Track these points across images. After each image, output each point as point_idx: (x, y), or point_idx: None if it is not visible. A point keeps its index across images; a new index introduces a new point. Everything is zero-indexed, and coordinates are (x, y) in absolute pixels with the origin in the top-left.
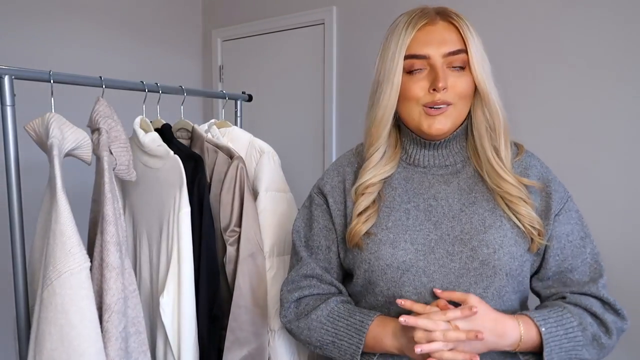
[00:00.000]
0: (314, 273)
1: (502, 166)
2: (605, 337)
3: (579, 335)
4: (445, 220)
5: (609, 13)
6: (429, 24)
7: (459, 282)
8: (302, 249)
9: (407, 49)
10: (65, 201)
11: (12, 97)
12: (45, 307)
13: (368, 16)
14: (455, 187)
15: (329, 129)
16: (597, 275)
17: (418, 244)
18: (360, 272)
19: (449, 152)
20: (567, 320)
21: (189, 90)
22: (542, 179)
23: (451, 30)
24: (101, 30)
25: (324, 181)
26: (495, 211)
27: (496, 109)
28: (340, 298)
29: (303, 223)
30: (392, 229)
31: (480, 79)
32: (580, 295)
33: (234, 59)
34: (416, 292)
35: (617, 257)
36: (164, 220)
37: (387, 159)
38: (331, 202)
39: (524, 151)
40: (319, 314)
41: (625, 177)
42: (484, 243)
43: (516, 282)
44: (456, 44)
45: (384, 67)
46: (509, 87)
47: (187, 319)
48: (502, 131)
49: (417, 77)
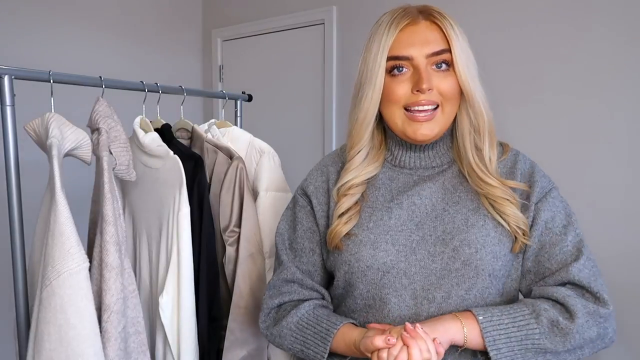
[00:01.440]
0: (295, 278)
1: (484, 169)
2: (566, 321)
3: (532, 323)
4: (427, 221)
5: (609, 13)
6: (411, 23)
7: (440, 283)
8: (284, 252)
9: (389, 50)
10: (64, 201)
11: (12, 97)
12: (44, 307)
13: (368, 16)
14: (440, 186)
15: (329, 129)
16: (572, 259)
17: (399, 245)
18: (341, 274)
19: (435, 153)
20: (515, 309)
21: (189, 90)
22: (526, 174)
23: (434, 29)
24: (101, 30)
25: (307, 182)
26: (479, 210)
27: (480, 110)
28: (313, 303)
29: (287, 225)
30: (373, 230)
31: (464, 78)
32: (547, 287)
33: (234, 59)
34: (397, 295)
35: (617, 256)
36: (164, 220)
37: (371, 159)
38: (315, 203)
39: (509, 150)
40: (288, 321)
41: (624, 176)
42: (466, 242)
43: (500, 283)
44: (440, 44)
45: (366, 68)
46: (506, 87)
47: (187, 319)
48: (486, 132)
49: (400, 79)
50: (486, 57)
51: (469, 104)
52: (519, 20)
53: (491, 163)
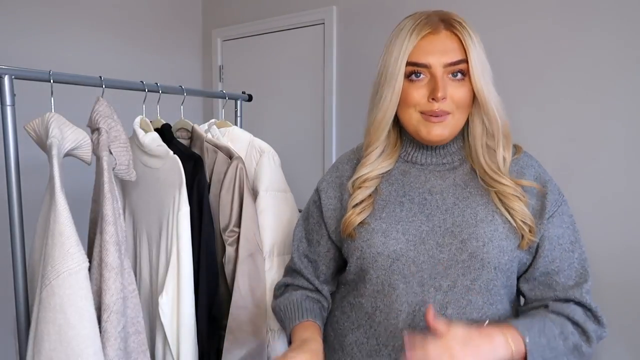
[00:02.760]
0: (296, 267)
1: (496, 169)
2: (586, 345)
3: (560, 345)
4: (438, 213)
5: (610, 14)
6: (432, 32)
7: (447, 273)
8: (295, 242)
9: (409, 56)
10: (64, 201)
11: (12, 97)
12: (44, 307)
13: (368, 16)
14: (451, 182)
15: (329, 129)
16: (582, 280)
17: (409, 235)
18: (353, 260)
19: (446, 152)
20: (550, 330)
21: (189, 90)
22: (539, 179)
23: (453, 39)
24: (101, 30)
25: (322, 179)
26: (488, 206)
27: (494, 116)
28: (305, 294)
29: (303, 218)
30: (385, 219)
31: (479, 87)
32: (563, 303)
33: (234, 59)
34: (405, 281)
35: (617, 256)
36: (164, 220)
37: (386, 156)
38: (323, 198)
39: (521, 151)
40: (281, 300)
41: (625, 178)
42: (474, 236)
43: (505, 276)
44: (457, 54)
45: (385, 70)
46: (510, 88)
47: (187, 319)
48: (500, 136)
49: (418, 85)
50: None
51: (483, 111)
52: (518, 20)
53: (505, 163)
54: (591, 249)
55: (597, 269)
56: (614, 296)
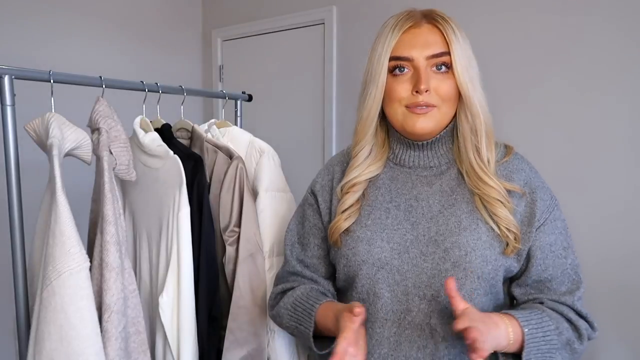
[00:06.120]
0: (295, 270)
1: (483, 167)
2: (578, 342)
3: (554, 339)
4: (423, 221)
5: (610, 14)
6: (414, 26)
7: (430, 282)
8: (288, 247)
9: (392, 51)
10: (65, 201)
11: (12, 97)
12: (45, 307)
13: (368, 16)
14: (437, 188)
15: (329, 129)
16: (575, 287)
17: (394, 243)
18: (340, 268)
19: (434, 153)
20: (546, 323)
21: (189, 90)
22: (528, 184)
23: (436, 33)
24: (101, 30)
25: (315, 180)
26: (473, 214)
27: (477, 112)
28: (309, 286)
29: (296, 221)
30: (370, 227)
31: (462, 81)
32: (556, 303)
33: (234, 59)
34: (390, 290)
35: (617, 257)
36: (164, 220)
37: (373, 158)
38: (320, 201)
39: (512, 153)
40: (285, 302)
41: (623, 179)
42: (457, 245)
43: (489, 285)
44: (440, 47)
45: (370, 67)
46: (509, 89)
47: (187, 319)
48: (483, 134)
49: (401, 79)
50: (485, 60)
51: (466, 106)
52: (518, 21)
53: (489, 164)
54: (591, 250)
55: (596, 269)
56: (614, 296)
